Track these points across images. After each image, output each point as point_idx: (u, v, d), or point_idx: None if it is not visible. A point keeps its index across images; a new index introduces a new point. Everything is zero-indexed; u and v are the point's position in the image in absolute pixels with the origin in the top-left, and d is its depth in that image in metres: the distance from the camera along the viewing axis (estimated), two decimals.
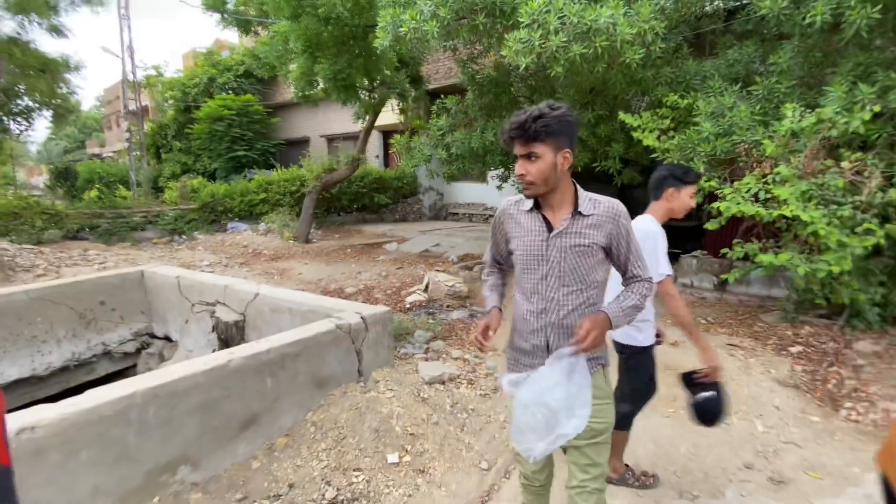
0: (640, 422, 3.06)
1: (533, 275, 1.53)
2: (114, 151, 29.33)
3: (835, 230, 2.97)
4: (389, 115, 11.23)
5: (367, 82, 8.36)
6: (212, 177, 16.08)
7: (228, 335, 3.81)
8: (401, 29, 4.45)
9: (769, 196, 3.38)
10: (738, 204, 3.33)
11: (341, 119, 14.36)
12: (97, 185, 13.46)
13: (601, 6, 3.77)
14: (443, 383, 3.33)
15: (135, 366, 4.55)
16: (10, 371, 3.77)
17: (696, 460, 2.68)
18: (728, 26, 5.49)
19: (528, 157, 1.42)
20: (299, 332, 2.78)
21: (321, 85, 8.21)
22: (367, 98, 8.50)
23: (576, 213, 1.49)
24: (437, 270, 6.76)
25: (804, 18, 3.68)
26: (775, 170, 3.31)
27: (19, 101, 17.07)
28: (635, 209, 1.92)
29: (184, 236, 9.65)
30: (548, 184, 1.45)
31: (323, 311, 3.25)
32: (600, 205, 1.50)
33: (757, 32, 5.16)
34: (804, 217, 3.07)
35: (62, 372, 3.94)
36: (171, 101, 18.85)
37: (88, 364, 4.17)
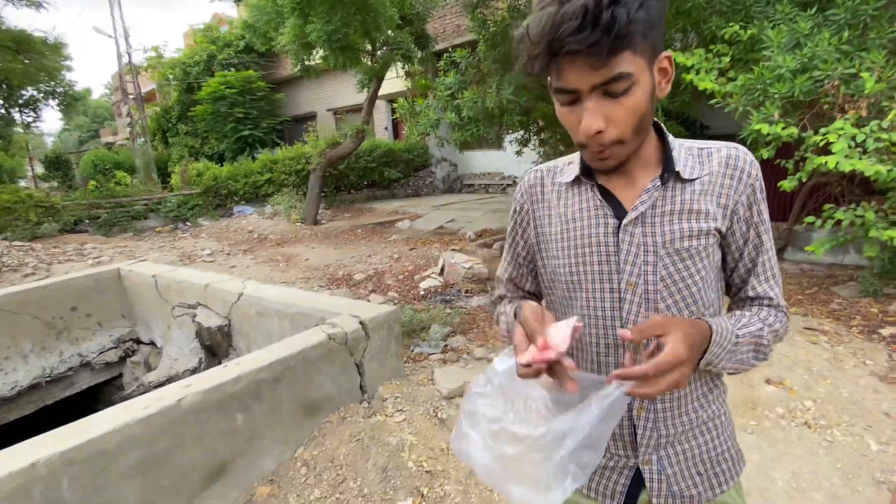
0: None
1: (592, 304, 0.85)
2: (125, 139, 29.14)
3: None
4: (397, 82, 10.44)
5: (367, 45, 7.58)
6: (221, 159, 15.60)
7: (213, 342, 3.28)
8: None
9: (881, 147, 2.61)
10: (848, 158, 2.56)
11: (347, 91, 13.58)
12: (96, 175, 13.03)
13: None
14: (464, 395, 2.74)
15: (120, 376, 4.10)
16: None
17: (802, 498, 2.05)
18: None
19: (609, 88, 0.68)
20: (280, 348, 2.20)
21: (318, 52, 7.49)
22: (369, 62, 7.73)
23: (669, 174, 0.80)
24: (454, 250, 6.13)
25: None
26: (894, 111, 2.52)
27: (23, 92, 16.72)
28: None
29: (188, 223, 9.19)
30: (641, 135, 0.75)
31: (315, 314, 2.67)
32: (712, 155, 0.82)
33: None
34: None
35: (33, 390, 3.49)
36: (173, 82, 18.24)
37: (66, 378, 3.71)
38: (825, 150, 2.95)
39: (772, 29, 3.40)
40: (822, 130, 3.05)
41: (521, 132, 6.08)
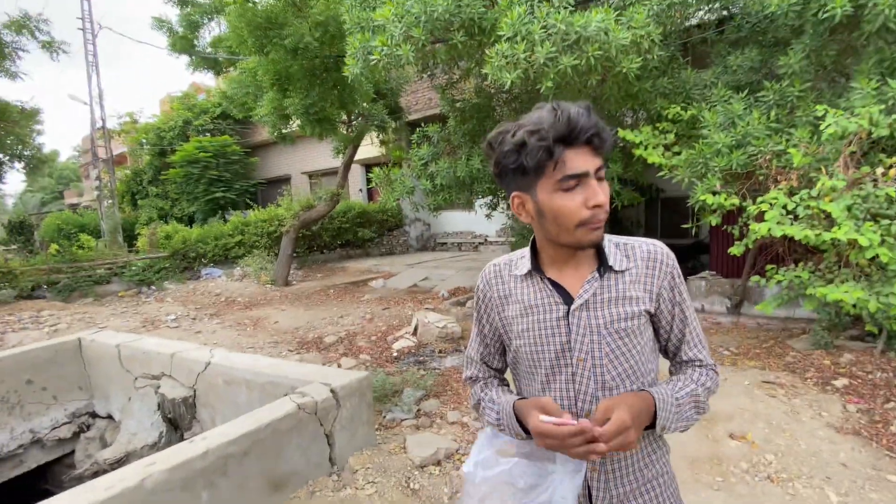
0: (687, 497, 2.48)
1: (551, 376, 1.00)
2: (91, 201, 28.61)
3: None
4: (371, 147, 10.85)
5: (343, 115, 7.96)
6: (190, 221, 15.50)
7: (177, 414, 3.17)
8: (371, 56, 4.05)
9: (811, 213, 2.90)
10: (780, 224, 2.83)
11: (322, 154, 13.99)
12: (60, 238, 12.68)
13: (590, 12, 3.37)
14: (438, 463, 2.71)
15: (72, 453, 3.86)
16: None
17: None
18: (720, 34, 5.16)
19: (600, 173, 0.89)
20: (249, 420, 2.17)
21: (295, 121, 7.81)
22: (344, 132, 8.07)
23: (604, 268, 0.98)
24: (427, 309, 6.18)
25: (817, 14, 3.30)
26: (821, 181, 2.84)
27: None
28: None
29: (152, 287, 8.97)
30: None
31: (285, 382, 2.65)
32: (636, 250, 1.00)
33: (752, 39, 4.83)
34: (861, 241, 2.58)
35: None
36: (146, 146, 18.37)
37: (15, 456, 3.47)
38: (762, 216, 3.24)
39: (708, 110, 3.81)
40: (759, 200, 3.36)
41: (490, 197, 6.39)
